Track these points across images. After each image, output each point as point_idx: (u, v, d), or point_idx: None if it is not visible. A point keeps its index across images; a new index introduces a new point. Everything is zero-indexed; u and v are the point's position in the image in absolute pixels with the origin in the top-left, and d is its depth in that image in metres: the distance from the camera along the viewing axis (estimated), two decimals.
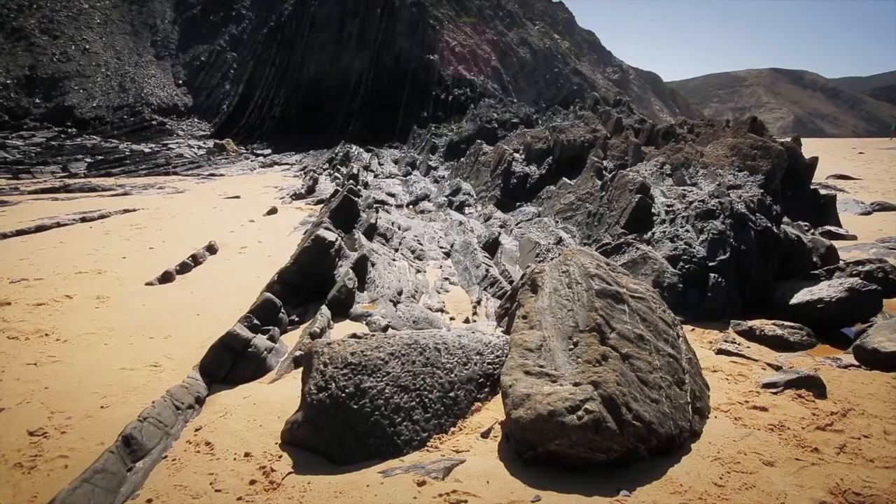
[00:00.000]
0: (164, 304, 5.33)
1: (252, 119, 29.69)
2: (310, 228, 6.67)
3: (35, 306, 5.18)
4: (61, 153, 22.01)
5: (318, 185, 13.29)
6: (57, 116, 29.11)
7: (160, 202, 12.23)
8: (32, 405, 3.44)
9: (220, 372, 3.81)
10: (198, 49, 35.70)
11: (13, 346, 4.28)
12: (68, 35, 33.39)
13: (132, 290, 5.75)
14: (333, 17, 30.67)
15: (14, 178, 17.05)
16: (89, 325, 4.77)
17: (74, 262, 6.74)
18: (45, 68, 31.07)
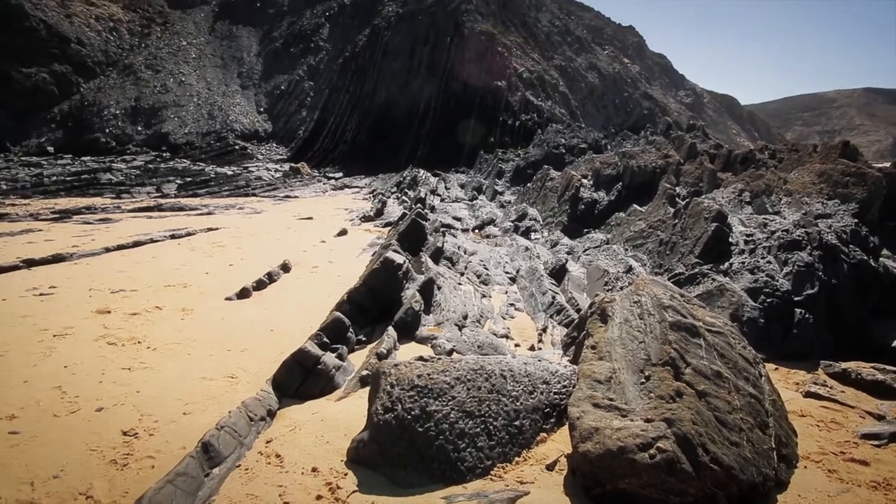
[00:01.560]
0: (241, 318, 5.62)
1: (325, 144, 31.13)
2: (378, 250, 6.86)
3: (130, 315, 5.62)
4: (156, 175, 24.00)
5: (386, 208, 13.67)
6: (154, 142, 31.86)
7: (240, 222, 13.00)
8: (126, 407, 3.71)
9: (291, 387, 3.96)
10: (278, 79, 38.07)
11: (112, 351, 4.66)
12: (168, 69, 36.68)
13: (213, 304, 6.11)
14: (405, 46, 31.85)
15: (117, 197, 18.75)
16: (175, 335, 5.11)
17: (164, 276, 7.28)
18: (147, 99, 34.22)
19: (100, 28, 38.04)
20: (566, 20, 46.22)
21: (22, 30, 34.16)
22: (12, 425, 3.47)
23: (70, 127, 32.53)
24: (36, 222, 13.05)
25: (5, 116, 32.07)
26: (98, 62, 36.42)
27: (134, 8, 41.37)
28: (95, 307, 5.88)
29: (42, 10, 35.86)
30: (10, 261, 7.90)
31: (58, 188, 20.51)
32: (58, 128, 32.51)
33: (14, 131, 31.79)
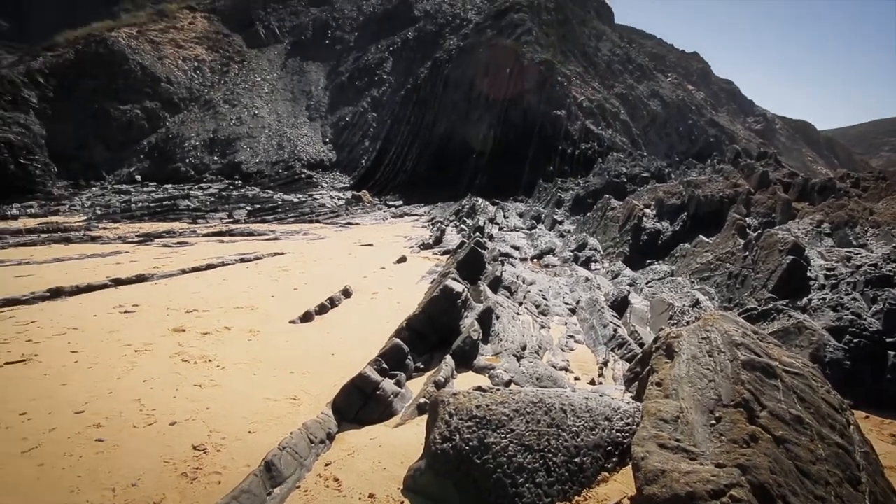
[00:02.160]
0: (304, 341, 5.81)
1: (387, 172, 32.05)
2: (437, 278, 6.94)
3: (202, 335, 5.94)
4: (229, 202, 25.47)
5: (444, 236, 13.83)
6: (228, 171, 33.95)
7: (304, 247, 13.52)
8: (196, 422, 3.90)
9: (350, 411, 4.03)
10: (344, 111, 39.80)
11: (185, 368, 4.93)
12: (243, 103, 39.24)
13: (278, 326, 6.35)
14: (465, 78, 32.56)
15: (193, 222, 20.03)
16: (242, 355, 5.34)
17: (233, 298, 7.65)
18: (223, 131, 36.66)
19: (186, 68, 41.40)
20: (627, 48, 45.84)
21: (122, 72, 37.74)
22: (98, 433, 3.72)
23: (156, 157, 35.29)
24: (123, 244, 14.12)
25: (104, 149, 35.27)
26: (183, 98, 39.54)
27: (216, 49, 44.79)
28: (172, 326, 6.26)
29: (139, 54, 39.50)
30: (101, 280, 8.57)
31: (143, 213, 22.17)
32: (146, 158, 35.35)
33: (110, 162, 34.85)
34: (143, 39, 41.86)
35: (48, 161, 32.60)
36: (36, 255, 12.42)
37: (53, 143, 33.56)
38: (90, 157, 34.76)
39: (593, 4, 47.66)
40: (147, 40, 42.01)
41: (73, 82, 36.44)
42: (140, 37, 42.05)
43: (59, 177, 32.52)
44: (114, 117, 36.26)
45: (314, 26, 48.14)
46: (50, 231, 16.68)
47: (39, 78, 35.59)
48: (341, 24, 48.10)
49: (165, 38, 43.50)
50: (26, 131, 32.50)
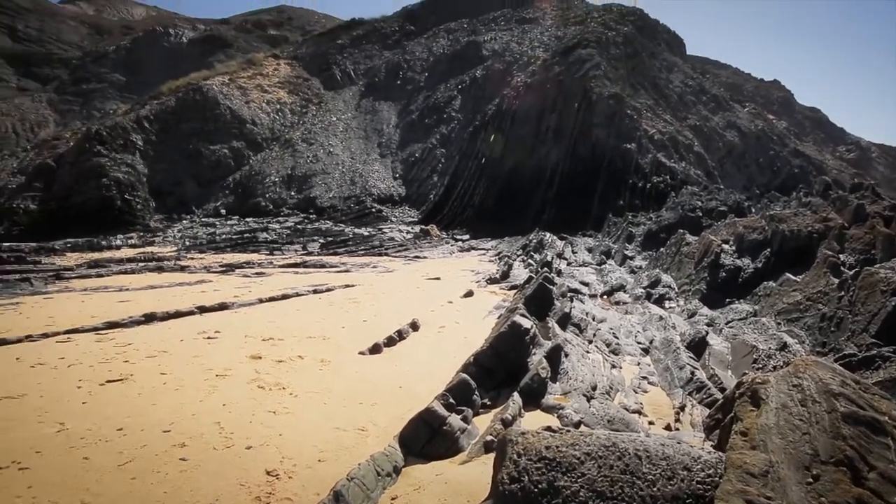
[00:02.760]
0: (372, 373, 5.92)
1: (454, 207, 32.53)
2: (504, 313, 6.89)
3: (277, 362, 6.20)
4: (303, 235, 26.74)
5: (512, 271, 13.75)
6: (304, 205, 35.75)
7: (373, 279, 13.88)
8: (270, 448, 4.05)
9: (417, 445, 4.03)
10: (413, 147, 41.09)
11: (261, 394, 5.15)
12: (319, 142, 41.52)
13: (348, 357, 6.52)
14: (532, 113, 32.81)
15: (270, 254, 21.16)
16: (314, 384, 5.51)
17: (306, 328, 7.95)
18: (300, 168, 38.84)
19: (269, 110, 44.56)
20: (700, 79, 44.54)
21: (213, 116, 41.21)
22: (183, 452, 3.95)
23: (239, 193, 37.84)
24: (208, 274, 15.11)
25: (195, 186, 38.35)
26: (265, 138, 42.45)
27: (297, 92, 47.97)
28: (249, 353, 6.58)
29: (229, 99, 43.03)
30: (188, 307, 9.20)
31: (226, 245, 23.69)
32: (230, 194, 37.99)
33: (199, 197, 37.77)
34: (234, 86, 45.60)
35: (148, 197, 35.79)
36: (134, 282, 13.55)
37: (153, 180, 36.90)
38: (183, 193, 37.82)
39: (664, 37, 46.95)
40: (236, 86, 45.72)
41: (172, 126, 40.14)
42: (231, 83, 45.86)
43: (156, 211, 35.58)
44: (205, 157, 39.44)
45: (387, 68, 50.53)
46: (146, 261, 18.17)
47: (145, 123, 39.49)
48: (412, 65, 50.19)
49: (252, 84, 47.16)
50: (132, 171, 35.97)
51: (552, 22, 49.70)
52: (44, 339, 7.28)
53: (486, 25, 53.10)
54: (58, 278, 14.13)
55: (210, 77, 47.85)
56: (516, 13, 54.18)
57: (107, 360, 6.26)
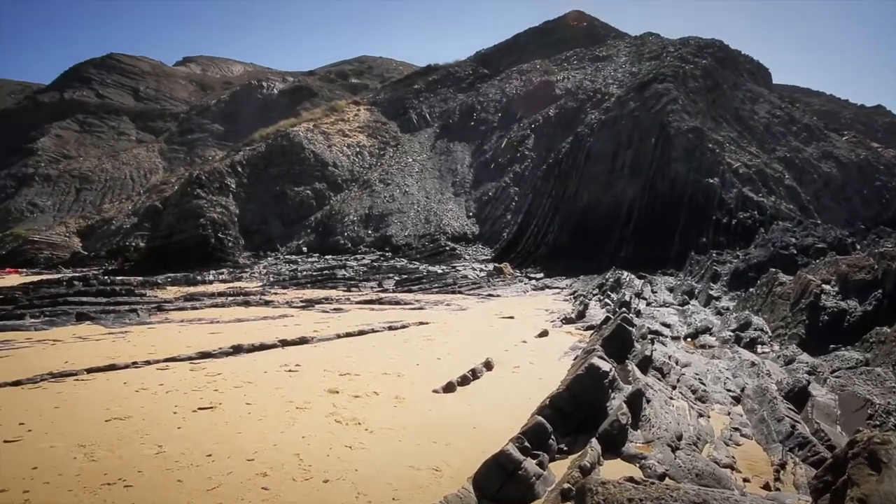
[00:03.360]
0: (446, 412, 5.89)
1: (528, 245, 32.30)
2: (581, 354, 6.68)
3: (354, 397, 6.34)
4: (379, 272, 27.51)
5: (588, 311, 13.35)
6: (380, 243, 36.93)
7: (447, 317, 13.96)
8: (346, 483, 4.11)
9: (490, 489, 3.93)
10: (487, 186, 41.57)
11: (338, 428, 5.27)
12: (396, 182, 43.08)
13: (422, 394, 6.54)
14: (607, 149, 32.31)
15: (348, 290, 21.91)
16: (389, 420, 5.56)
17: (382, 364, 8.09)
18: (378, 208, 40.36)
19: (349, 153, 47.04)
20: (789, 109, 42.06)
21: (299, 160, 44.13)
22: (265, 481, 4.10)
23: (320, 231, 39.81)
24: (290, 309, 15.86)
25: (280, 225, 40.86)
26: (345, 179, 44.68)
27: (375, 135, 50.39)
28: (327, 387, 6.78)
29: (313, 143, 45.97)
30: (271, 340, 9.68)
31: (306, 281, 24.82)
32: (312, 232, 40.05)
33: (284, 236, 40.14)
34: (317, 131, 48.71)
35: (238, 235, 38.48)
36: (224, 315, 14.48)
37: (243, 220, 39.72)
38: (269, 232, 40.33)
39: (746, 67, 45.07)
40: (320, 132, 48.79)
41: (262, 170, 43.32)
42: (315, 129, 49.03)
43: (245, 248, 38.12)
44: (290, 198, 42.03)
45: (461, 110, 52.02)
46: (234, 295, 19.40)
47: (239, 168, 42.92)
48: (486, 106, 51.35)
49: (334, 129, 50.14)
50: (225, 211, 38.96)
51: (626, 58, 49.35)
52: (146, 365, 7.91)
53: (559, 65, 53.61)
54: (159, 310, 15.38)
55: (296, 124, 51.51)
56: (589, 52, 54.37)
57: (199, 388, 6.68)
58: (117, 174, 74.13)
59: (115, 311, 14.64)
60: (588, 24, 61.96)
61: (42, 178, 71.57)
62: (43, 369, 7.46)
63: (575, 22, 62.13)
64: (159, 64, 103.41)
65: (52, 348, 9.69)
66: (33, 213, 67.07)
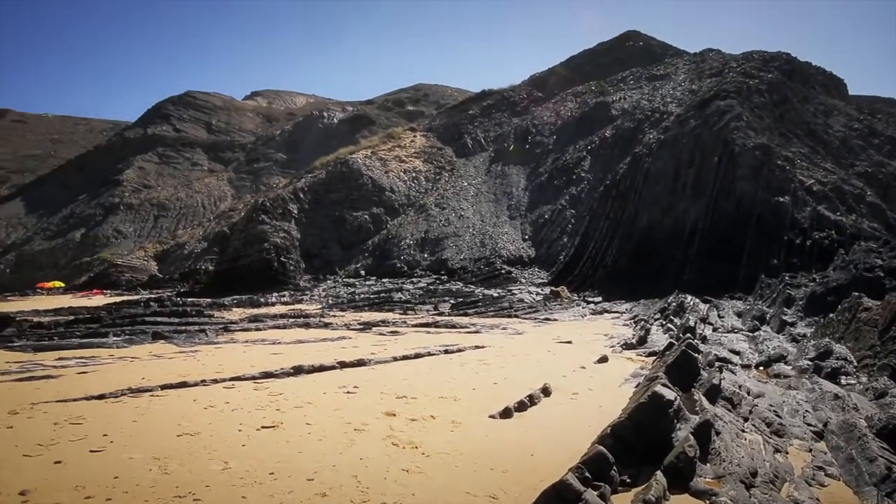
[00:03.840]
0: (502, 438, 5.80)
1: (585, 268, 31.61)
2: (643, 382, 6.42)
3: (410, 420, 6.35)
4: (434, 295, 27.66)
5: (649, 336, 12.85)
6: (436, 267, 37.23)
7: (503, 341, 13.81)
8: None
9: None
10: (542, 209, 41.23)
11: (395, 452, 5.29)
12: (451, 206, 43.53)
13: (478, 419, 6.47)
14: (668, 169, 31.34)
15: (404, 313, 22.16)
16: (445, 445, 5.53)
17: (438, 388, 8.08)
18: (433, 231, 40.84)
19: (406, 178, 48.10)
20: (869, 121, 39.36)
21: (357, 185, 45.56)
22: (323, 502, 4.16)
23: (377, 255, 40.65)
24: (348, 331, 16.20)
25: (338, 249, 42.11)
26: (402, 204, 45.60)
27: (430, 160, 51.33)
28: (384, 409, 6.83)
29: (371, 170, 47.38)
30: (330, 361, 9.90)
31: (364, 304, 25.32)
32: (369, 256, 40.97)
33: (342, 259, 41.30)
34: (375, 158, 50.18)
35: (299, 259, 39.92)
36: (285, 336, 14.97)
37: (304, 244, 41.22)
38: (328, 256, 41.60)
39: (818, 79, 42.75)
40: (377, 158, 50.24)
41: (322, 196, 44.98)
42: (372, 156, 50.55)
43: (305, 272, 39.45)
44: (348, 222, 43.31)
45: (515, 133, 52.21)
46: (295, 317, 20.04)
47: (300, 194, 44.78)
48: (540, 129, 51.30)
49: (391, 155, 51.51)
50: (288, 236, 40.58)
51: (685, 76, 48.12)
52: (214, 384, 8.27)
53: (615, 86, 52.95)
54: (226, 330, 16.10)
55: (355, 151, 53.35)
56: (646, 71, 53.43)
57: (262, 407, 6.91)
58: (190, 202, 79.14)
59: (186, 331, 15.46)
60: (644, 43, 61.05)
61: (126, 207, 77.42)
62: (123, 384, 7.97)
63: (631, 42, 61.40)
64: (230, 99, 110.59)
65: (130, 365, 10.33)
66: (117, 239, 72.47)
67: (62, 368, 9.82)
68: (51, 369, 9.69)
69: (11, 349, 12.59)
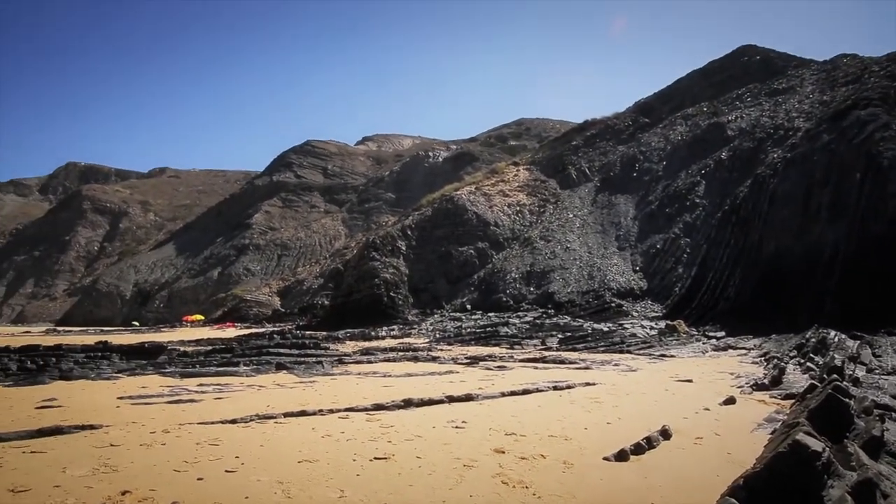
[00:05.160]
0: (619, 482, 5.44)
1: (704, 300, 29.28)
2: (780, 428, 5.72)
3: (520, 459, 6.19)
4: (541, 330, 27.09)
5: (785, 376, 11.49)
6: (542, 300, 36.57)
7: (615, 378, 13.10)
8: None
9: None
10: (653, 238, 39.13)
11: (504, 490, 5.17)
12: (557, 239, 42.82)
13: (591, 461, 6.15)
14: (797, 190, 28.41)
15: (510, 347, 21.91)
16: (557, 487, 5.31)
17: (548, 426, 7.82)
18: (539, 264, 40.33)
19: (510, 212, 48.28)
20: None
21: (461, 221, 46.56)
22: None
23: (483, 289, 40.85)
24: (455, 365, 16.31)
25: (445, 283, 43.00)
26: (506, 238, 45.70)
27: (534, 193, 51.17)
28: (493, 446, 6.73)
29: (475, 205, 48.26)
30: (438, 395, 10.01)
31: (470, 338, 25.43)
32: (475, 290, 41.29)
33: (448, 293, 42.05)
34: (479, 193, 51.06)
35: (407, 294, 41.27)
36: (395, 369, 15.43)
37: (412, 279, 42.61)
38: (435, 290, 42.57)
39: None
40: (481, 193, 51.07)
41: (428, 232, 46.48)
42: (477, 191, 51.49)
43: (413, 306, 40.63)
44: (454, 257, 44.16)
45: (622, 162, 50.54)
46: (404, 350, 20.62)
47: (408, 231, 46.66)
48: (648, 156, 49.22)
49: (495, 190, 52.11)
50: (397, 272, 42.25)
51: (813, 87, 43.82)
52: (330, 413, 8.70)
53: (729, 105, 49.59)
54: (340, 363, 16.96)
55: (459, 188, 54.75)
56: (765, 86, 49.48)
57: (374, 438, 7.13)
58: (309, 241, 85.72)
59: (305, 362, 16.51)
60: (762, 56, 56.74)
61: (254, 247, 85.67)
62: (252, 411, 8.66)
63: (746, 57, 57.43)
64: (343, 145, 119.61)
65: (257, 392, 11.22)
66: (247, 277, 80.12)
67: (202, 393, 10.91)
68: (193, 394, 10.80)
69: (163, 374, 14.26)
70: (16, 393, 11.37)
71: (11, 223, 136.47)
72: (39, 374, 13.67)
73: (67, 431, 7.24)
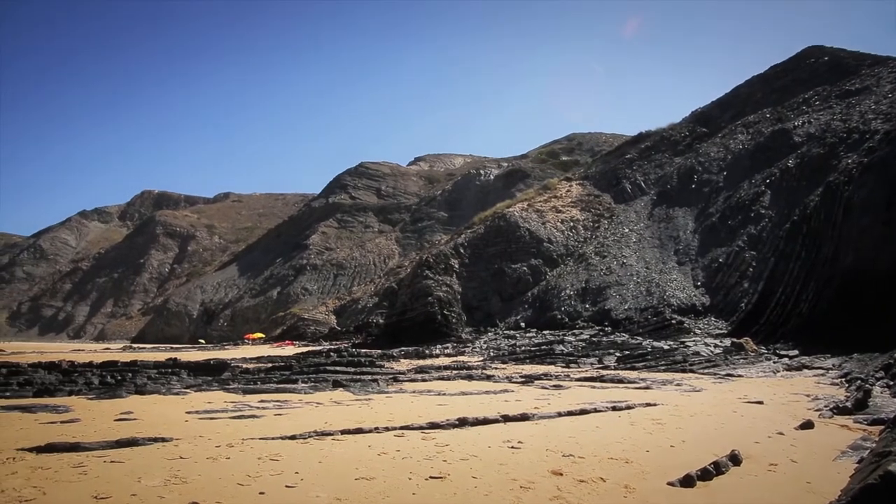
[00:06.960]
0: None
1: (773, 317, 27.60)
2: (868, 457, 5.28)
3: (579, 482, 6.00)
4: (598, 348, 26.32)
5: (870, 399, 10.60)
6: (598, 318, 35.60)
7: (678, 399, 12.51)
8: None
9: None
10: (716, 252, 37.43)
11: None
12: (612, 254, 41.75)
13: (654, 486, 5.87)
14: (876, 198, 26.46)
15: (566, 366, 21.39)
16: None
17: (606, 448, 7.55)
18: (594, 281, 39.38)
19: (563, 228, 47.57)
20: None
21: (514, 238, 46.29)
22: None
23: (537, 306, 40.26)
24: (510, 384, 16.09)
25: (498, 301, 42.71)
26: (560, 254, 44.98)
27: (588, 209, 50.24)
28: (550, 467, 6.56)
29: (528, 222, 47.90)
30: (493, 415, 9.89)
31: (525, 356, 25.04)
32: (529, 307, 40.75)
33: (502, 311, 41.71)
34: (531, 210, 50.67)
35: (461, 312, 41.22)
36: (449, 387, 15.38)
37: (465, 297, 42.56)
38: (488, 308, 42.31)
39: None
40: (534, 210, 50.65)
41: (481, 250, 46.45)
42: (529, 208, 51.13)
43: (467, 324, 40.49)
44: (507, 274, 43.84)
45: (679, 174, 48.90)
46: (458, 369, 20.54)
47: (461, 249, 46.81)
48: (707, 167, 47.40)
49: (548, 207, 51.56)
50: (450, 290, 42.35)
51: (892, 86, 41.01)
52: (385, 431, 8.77)
53: (795, 109, 47.14)
54: (395, 380, 17.09)
55: (511, 205, 54.55)
56: (835, 88, 46.75)
57: (429, 457, 7.11)
58: (363, 261, 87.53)
59: (361, 380, 16.75)
60: (830, 57, 53.71)
61: (311, 267, 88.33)
62: (310, 427, 8.85)
63: (812, 59, 54.57)
64: (396, 165, 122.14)
65: (315, 409, 11.47)
66: (304, 296, 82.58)
67: (263, 409, 11.26)
68: (255, 410, 11.17)
69: (227, 390, 14.85)
70: (97, 406, 12.15)
71: (95, 248, 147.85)
72: (118, 388, 14.57)
73: (142, 443, 7.66)
